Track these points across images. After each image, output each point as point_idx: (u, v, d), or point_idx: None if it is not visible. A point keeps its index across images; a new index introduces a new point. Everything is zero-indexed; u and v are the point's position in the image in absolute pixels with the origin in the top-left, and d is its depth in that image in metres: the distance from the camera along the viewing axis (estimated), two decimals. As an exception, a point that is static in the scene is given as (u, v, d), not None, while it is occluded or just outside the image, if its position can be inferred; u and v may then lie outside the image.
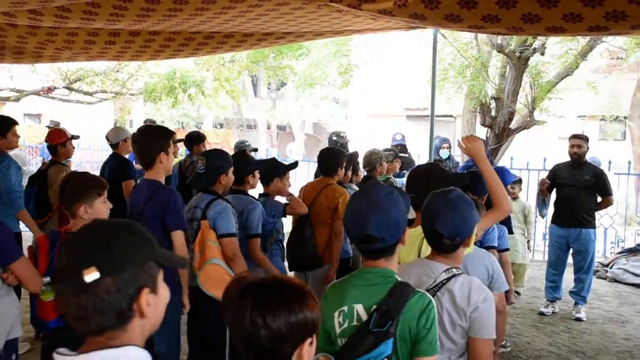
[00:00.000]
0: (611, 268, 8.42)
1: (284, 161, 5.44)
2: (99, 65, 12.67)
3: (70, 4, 3.81)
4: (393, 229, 2.04)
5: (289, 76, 14.76)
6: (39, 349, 4.51)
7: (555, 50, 10.33)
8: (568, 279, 6.80)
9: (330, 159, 4.97)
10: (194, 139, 6.67)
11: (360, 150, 6.18)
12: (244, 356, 1.52)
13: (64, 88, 13.25)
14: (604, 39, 9.25)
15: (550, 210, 6.86)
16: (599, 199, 6.44)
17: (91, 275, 1.24)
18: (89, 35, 4.94)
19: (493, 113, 9.74)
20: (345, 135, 7.35)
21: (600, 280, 8.18)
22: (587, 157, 6.55)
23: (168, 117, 24.95)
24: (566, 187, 6.44)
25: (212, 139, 22.90)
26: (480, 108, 9.88)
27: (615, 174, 9.81)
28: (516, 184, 6.91)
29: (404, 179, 5.89)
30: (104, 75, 12.91)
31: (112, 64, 12.44)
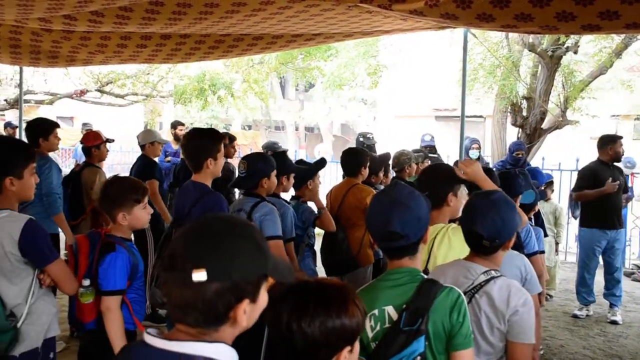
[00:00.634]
0: (647, 270, 8.24)
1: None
2: (130, 68, 12.86)
3: (104, 8, 3.88)
4: (416, 226, 2.04)
5: (317, 77, 14.76)
6: (73, 348, 4.61)
7: (589, 48, 10.15)
8: (598, 282, 6.67)
9: (352, 159, 4.91)
10: None
11: (389, 151, 6.12)
12: (281, 358, 1.52)
13: (96, 91, 13.48)
14: (640, 36, 9.06)
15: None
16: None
17: (199, 276, 1.25)
18: (122, 39, 5.02)
19: (524, 113, 9.62)
20: (373, 137, 7.29)
21: (636, 282, 8.02)
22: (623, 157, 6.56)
23: (197, 119, 25.21)
24: None
25: (241, 140, 23.03)
26: (512, 108, 9.77)
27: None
28: (548, 185, 6.79)
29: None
30: (134, 77, 13.10)
31: (143, 67, 12.60)
